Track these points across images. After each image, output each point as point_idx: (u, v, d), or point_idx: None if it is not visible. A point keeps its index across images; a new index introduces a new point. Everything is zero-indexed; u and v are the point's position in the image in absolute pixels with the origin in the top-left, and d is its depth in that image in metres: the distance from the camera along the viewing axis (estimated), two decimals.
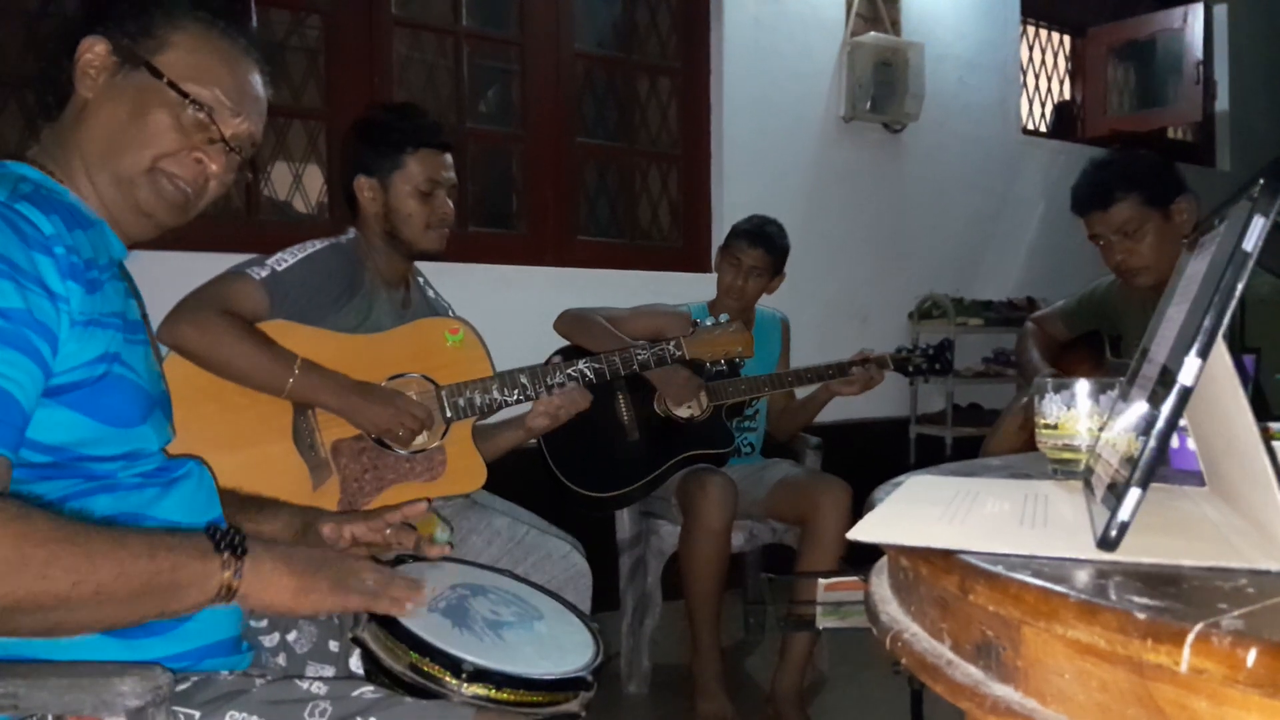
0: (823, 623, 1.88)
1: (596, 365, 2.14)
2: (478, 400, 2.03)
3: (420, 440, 2.00)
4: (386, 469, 1.98)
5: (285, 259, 1.97)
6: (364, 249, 2.11)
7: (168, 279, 1.85)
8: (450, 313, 2.31)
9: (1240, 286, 0.64)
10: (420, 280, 2.29)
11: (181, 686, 1.05)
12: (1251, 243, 0.64)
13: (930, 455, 4.12)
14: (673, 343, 2.23)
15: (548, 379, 2.08)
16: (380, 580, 1.16)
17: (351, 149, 2.13)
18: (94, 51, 1.13)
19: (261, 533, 1.30)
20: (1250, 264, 0.64)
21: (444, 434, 2.03)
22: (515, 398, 2.06)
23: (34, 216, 1.01)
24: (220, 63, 1.18)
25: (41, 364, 0.98)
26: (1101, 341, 2.60)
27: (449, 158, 2.13)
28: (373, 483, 1.97)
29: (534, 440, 2.36)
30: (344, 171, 2.13)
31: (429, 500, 1.47)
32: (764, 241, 2.88)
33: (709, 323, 2.31)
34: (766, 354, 3.01)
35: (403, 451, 1.99)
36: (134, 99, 1.13)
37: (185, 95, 1.13)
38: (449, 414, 2.02)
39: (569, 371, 2.11)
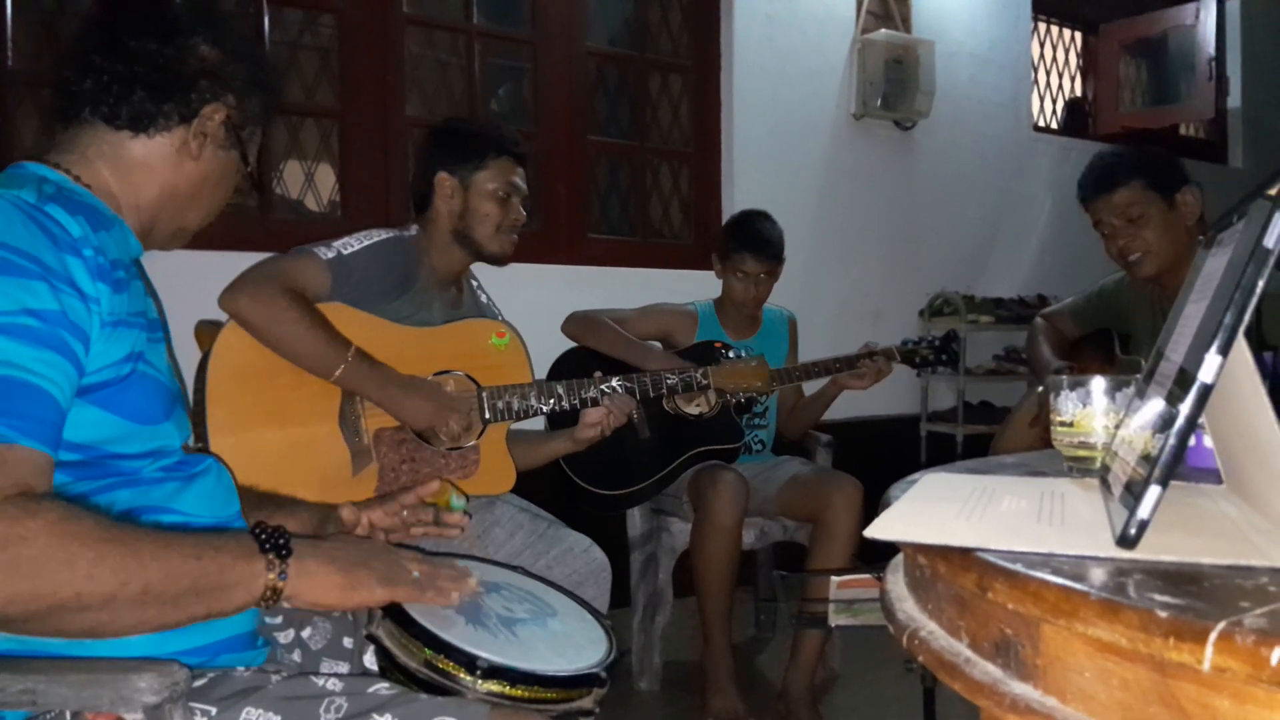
0: (835, 620, 1.87)
1: (628, 385, 2.25)
2: (515, 405, 2.08)
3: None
4: (423, 462, 2.01)
5: (351, 244, 2.01)
6: (424, 246, 2.14)
7: (180, 276, 1.86)
8: (500, 318, 2.34)
9: (1262, 283, 0.63)
10: (474, 284, 2.32)
11: (198, 683, 1.06)
12: (1273, 239, 0.64)
13: (941, 453, 4.11)
14: (700, 372, 2.41)
15: (582, 392, 2.18)
16: (426, 571, 1.17)
17: (435, 147, 2.19)
18: (213, 120, 1.22)
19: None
20: (1272, 260, 0.64)
21: (480, 434, 2.06)
22: (550, 407, 2.14)
23: (62, 218, 1.02)
24: None
25: (76, 364, 0.99)
26: (1111, 339, 2.59)
27: (523, 170, 2.20)
28: (409, 474, 1.99)
29: None
30: (423, 168, 2.18)
31: (439, 474, 1.48)
32: (766, 249, 2.85)
33: (733, 355, 2.53)
34: (775, 351, 3.01)
35: (440, 447, 2.02)
36: (223, 169, 1.27)
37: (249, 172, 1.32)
38: (487, 415, 2.06)
39: (601, 387, 2.20)
